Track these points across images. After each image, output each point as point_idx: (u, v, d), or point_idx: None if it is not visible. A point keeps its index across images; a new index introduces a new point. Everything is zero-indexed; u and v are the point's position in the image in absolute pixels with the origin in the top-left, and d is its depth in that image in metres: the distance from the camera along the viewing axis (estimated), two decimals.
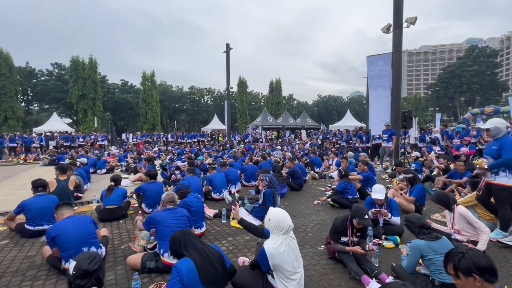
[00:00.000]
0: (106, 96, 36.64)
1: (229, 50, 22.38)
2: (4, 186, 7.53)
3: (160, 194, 5.08)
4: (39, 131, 22.47)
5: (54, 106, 36.67)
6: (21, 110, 28.52)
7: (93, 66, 30.47)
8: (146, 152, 13.91)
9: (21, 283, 2.74)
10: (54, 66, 37.81)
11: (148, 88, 33.93)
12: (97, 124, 28.70)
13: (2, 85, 25.73)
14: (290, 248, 2.27)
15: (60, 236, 2.73)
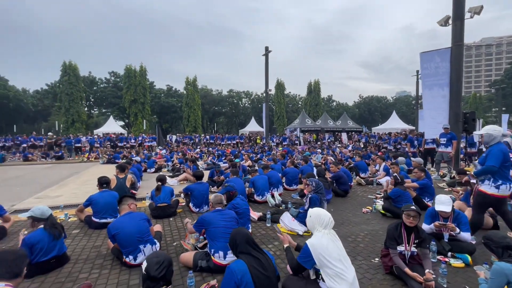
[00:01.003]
0: (154, 101, 39.60)
1: (268, 53, 22.51)
2: (72, 182, 8.55)
3: (206, 194, 5.30)
4: (99, 132, 25.21)
5: (110, 110, 40.83)
6: (85, 114, 32.36)
7: (143, 73, 33.19)
8: (189, 153, 14.65)
9: (91, 270, 3.04)
10: (111, 74, 42.15)
11: (191, 92, 35.78)
12: (145, 126, 31.19)
13: (71, 93, 29.50)
14: (333, 243, 2.28)
15: (119, 234, 2.97)
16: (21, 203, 5.77)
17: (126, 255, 3.00)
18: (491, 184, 3.36)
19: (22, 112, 42.92)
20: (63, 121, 29.95)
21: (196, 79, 36.76)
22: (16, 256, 1.77)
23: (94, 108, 44.94)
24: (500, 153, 3.33)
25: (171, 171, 10.29)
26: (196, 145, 20.62)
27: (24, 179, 9.18)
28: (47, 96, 43.62)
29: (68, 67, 29.63)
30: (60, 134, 25.05)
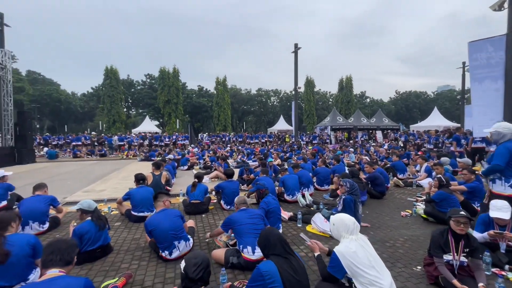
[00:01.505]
0: (186, 101, 41.25)
1: (297, 50, 22.14)
2: (113, 177, 9.22)
3: (236, 192, 5.35)
4: (136, 132, 26.92)
5: (146, 111, 43.42)
6: (124, 115, 34.82)
7: (176, 74, 34.71)
8: (219, 151, 14.99)
9: (131, 261, 3.23)
10: (147, 76, 44.78)
11: (221, 92, 36.59)
12: (178, 125, 32.62)
13: (112, 95, 31.91)
14: (363, 249, 2.14)
15: (155, 230, 3.13)
16: (72, 196, 6.36)
17: (162, 250, 3.14)
18: (505, 185, 3.22)
19: (72, 113, 47.48)
20: (105, 121, 32.55)
21: (225, 79, 37.51)
22: (68, 245, 1.93)
23: (132, 109, 48.13)
24: (506, 152, 3.20)
25: (203, 169, 10.61)
26: (226, 144, 21.04)
27: (73, 174, 10.13)
28: (92, 99, 47.74)
29: (110, 71, 32.07)
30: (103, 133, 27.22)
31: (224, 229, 3.25)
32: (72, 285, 1.74)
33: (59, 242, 1.94)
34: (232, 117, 42.48)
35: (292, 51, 22.22)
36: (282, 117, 37.97)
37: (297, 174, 6.24)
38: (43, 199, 4.16)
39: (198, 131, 41.48)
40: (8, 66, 13.43)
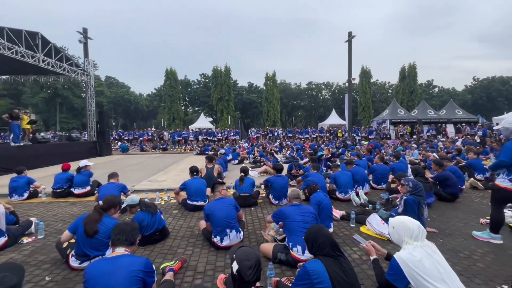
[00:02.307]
0: (237, 98, 42.63)
1: (351, 39, 20.69)
2: (173, 169, 10.10)
3: (285, 187, 5.29)
4: (192, 128, 29.00)
5: (201, 108, 46.37)
6: (182, 112, 37.88)
7: (228, 73, 36.11)
8: (268, 146, 15.08)
9: (186, 247, 3.47)
10: (201, 76, 47.68)
11: (270, 87, 36.70)
12: (230, 121, 33.97)
13: (171, 94, 34.98)
14: (430, 258, 1.83)
15: (211, 214, 3.31)
16: (139, 185, 7.17)
17: (215, 236, 3.30)
18: (505, 178, 3.26)
19: (139, 112, 53.76)
20: (166, 119, 35.91)
21: (275, 74, 37.43)
22: (132, 227, 2.16)
23: (189, 107, 51.98)
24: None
25: (252, 163, 10.83)
26: (275, 139, 21.08)
27: (141, 165, 11.44)
28: (155, 98, 53.16)
29: (169, 72, 35.16)
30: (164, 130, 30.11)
31: (274, 219, 3.23)
32: (135, 263, 1.94)
33: (124, 224, 2.17)
34: (281, 112, 42.29)
35: (345, 40, 20.86)
36: (334, 111, 36.18)
37: (350, 171, 5.85)
38: (116, 186, 4.79)
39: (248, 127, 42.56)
40: (91, 73, 15.84)
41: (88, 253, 2.85)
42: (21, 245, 3.52)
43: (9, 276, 1.48)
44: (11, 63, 12.04)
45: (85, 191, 5.87)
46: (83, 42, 18.34)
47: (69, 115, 40.07)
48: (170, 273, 2.66)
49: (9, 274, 1.51)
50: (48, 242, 3.58)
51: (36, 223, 3.91)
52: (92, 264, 1.97)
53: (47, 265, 2.99)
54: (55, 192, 5.90)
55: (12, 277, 1.49)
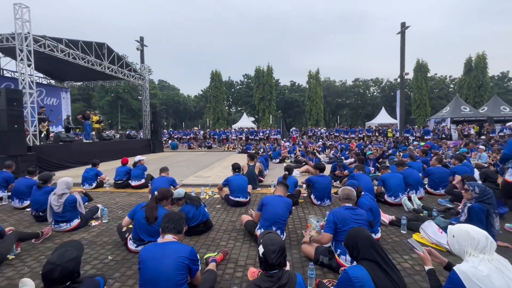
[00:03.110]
0: (278, 97, 42.55)
1: (404, 30, 18.96)
2: (217, 166, 10.55)
3: (328, 188, 5.11)
4: (235, 127, 29.87)
5: (243, 108, 47.44)
6: (226, 112, 39.27)
7: (270, 72, 36.24)
8: (310, 146, 14.72)
9: (228, 240, 3.59)
10: (244, 76, 48.73)
11: (313, 86, 35.76)
12: (271, 121, 34.08)
13: (216, 95, 36.53)
14: (501, 274, 1.55)
15: (266, 206, 3.35)
16: (186, 180, 7.67)
17: (260, 228, 3.33)
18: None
19: (187, 112, 57.35)
20: (211, 118, 37.64)
21: (318, 72, 36.37)
22: (180, 217, 2.32)
23: (232, 107, 53.64)
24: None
25: (293, 163, 10.69)
26: (318, 138, 20.48)
27: (188, 162, 12.21)
28: (201, 99, 56.09)
29: (215, 74, 36.76)
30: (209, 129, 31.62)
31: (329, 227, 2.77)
32: (181, 250, 2.08)
33: (173, 213, 2.35)
34: (325, 111, 40.86)
35: (397, 32, 19.20)
36: (383, 109, 33.59)
37: (401, 173, 5.37)
38: (166, 180, 5.19)
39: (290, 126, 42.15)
40: (146, 77, 17.46)
41: (143, 238, 3.16)
42: (90, 227, 4.06)
43: (70, 251, 1.72)
44: (84, 71, 13.98)
45: (140, 183, 6.50)
46: (140, 50, 20.34)
47: (128, 115, 44.81)
48: (213, 263, 2.78)
49: (70, 249, 1.75)
50: (111, 226, 4.06)
51: (101, 209, 4.47)
52: (145, 247, 2.17)
53: (109, 246, 3.39)
54: (116, 183, 6.66)
55: (72, 251, 1.73)
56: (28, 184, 4.92)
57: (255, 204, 5.21)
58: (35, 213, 4.33)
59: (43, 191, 4.35)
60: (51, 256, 1.70)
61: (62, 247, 1.83)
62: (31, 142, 9.15)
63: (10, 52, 11.92)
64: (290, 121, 46.60)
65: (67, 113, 17.25)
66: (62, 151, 10.31)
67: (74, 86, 19.29)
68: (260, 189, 6.41)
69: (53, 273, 1.60)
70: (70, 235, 3.77)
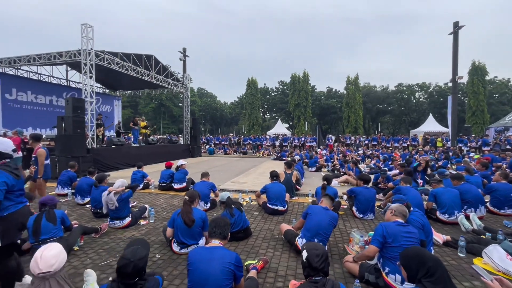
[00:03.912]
0: (314, 103, 41.75)
1: (457, 30, 17.36)
2: (253, 172, 10.66)
3: (372, 200, 4.83)
4: (270, 133, 29.98)
5: (278, 114, 47.45)
6: (261, 119, 39.69)
7: (306, 78, 35.86)
8: (349, 154, 14.10)
9: (267, 248, 3.59)
10: (279, 83, 48.90)
11: (352, 91, 34.45)
12: (307, 127, 33.52)
13: (252, 102, 37.18)
14: None
15: (310, 215, 3.30)
16: (223, 185, 7.88)
17: (301, 237, 3.27)
18: None
19: (223, 118, 59.22)
20: (246, 125, 38.32)
21: (357, 77, 35.01)
22: (225, 223, 2.39)
23: (267, 113, 54.03)
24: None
25: (331, 172, 10.33)
26: (357, 147, 19.55)
27: (224, 167, 12.55)
28: (237, 106, 57.54)
29: (251, 82, 37.52)
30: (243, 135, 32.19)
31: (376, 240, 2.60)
32: (227, 255, 2.13)
33: (219, 219, 2.42)
34: (364, 118, 38.94)
35: (449, 33, 17.65)
36: (431, 115, 30.90)
37: (457, 188, 4.86)
38: (207, 184, 5.40)
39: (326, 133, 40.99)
40: (187, 85, 18.51)
41: (185, 241, 3.31)
42: (139, 226, 4.38)
43: (140, 249, 1.88)
44: (134, 81, 15.35)
45: (182, 187, 6.85)
46: (182, 60, 21.71)
47: (169, 121, 47.83)
48: (253, 271, 2.80)
49: (141, 247, 1.91)
50: (157, 226, 4.34)
51: (149, 210, 4.80)
52: (194, 250, 2.27)
53: (157, 245, 3.62)
54: (160, 185, 7.11)
55: (142, 250, 1.89)
56: (88, 183, 5.51)
57: (293, 213, 5.15)
58: (93, 210, 4.82)
59: (99, 190, 4.82)
60: (125, 252, 1.88)
61: (133, 244, 2.01)
62: (89, 145, 10.26)
63: (76, 65, 13.64)
64: (326, 128, 45.30)
65: (118, 119, 19.06)
66: (114, 153, 11.36)
67: (124, 94, 21.25)
68: (297, 198, 6.31)
69: (127, 268, 1.77)
70: (123, 232, 4.11)
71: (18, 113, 13.36)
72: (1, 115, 12.56)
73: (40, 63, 12.01)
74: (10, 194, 2.28)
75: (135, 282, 1.81)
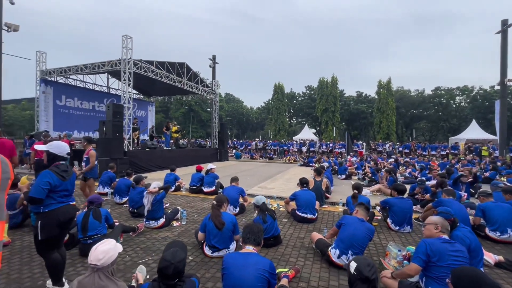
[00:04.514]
0: (343, 108, 40.56)
1: (506, 28, 15.89)
2: (279, 178, 10.59)
3: (409, 212, 4.54)
4: (296, 139, 29.63)
5: (305, 120, 46.80)
6: (287, 124, 39.45)
7: (334, 83, 35.03)
8: (381, 162, 13.43)
9: (297, 257, 3.52)
10: (307, 88, 48.32)
11: (384, 96, 32.92)
12: (335, 133, 32.60)
13: (278, 107, 37.14)
14: None
15: (345, 226, 3.20)
16: (251, 189, 7.91)
17: (334, 248, 3.17)
18: None
19: (250, 123, 59.83)
20: (272, 130, 38.30)
21: (390, 81, 33.39)
22: (259, 229, 2.41)
23: (293, 118, 53.58)
24: None
25: (361, 180, 9.91)
26: (389, 154, 18.57)
27: (251, 172, 12.62)
28: (263, 111, 57.83)
29: (277, 87, 37.56)
30: (269, 140, 32.18)
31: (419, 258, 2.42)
32: (261, 262, 2.13)
33: (253, 226, 2.44)
34: (397, 123, 36.92)
35: (497, 32, 16.21)
36: (474, 121, 28.37)
37: (509, 202, 4.38)
38: (236, 189, 5.47)
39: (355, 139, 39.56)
40: (216, 91, 19.04)
41: (216, 245, 3.37)
42: (172, 227, 4.56)
43: (179, 252, 1.96)
44: (167, 87, 16.15)
45: (211, 190, 7.01)
46: (212, 67, 22.41)
47: (198, 125, 49.45)
48: (285, 279, 2.76)
49: (180, 250, 1.99)
50: (189, 228, 4.48)
51: (181, 212, 4.98)
52: (229, 254, 2.30)
53: (189, 247, 3.72)
54: (191, 188, 7.35)
55: (181, 253, 1.96)
56: (126, 184, 5.87)
57: (323, 222, 5.02)
58: (131, 209, 5.12)
59: (136, 191, 5.11)
60: (165, 254, 1.98)
61: (172, 246, 2.11)
62: (126, 148, 10.95)
63: (116, 73, 14.72)
64: (356, 134, 43.64)
65: (152, 123, 20.13)
66: (148, 156, 11.99)
67: (157, 100, 22.43)
68: (327, 206, 6.13)
69: (168, 269, 1.86)
70: (157, 232, 4.30)
71: (67, 118, 14.70)
72: (53, 119, 13.92)
73: (85, 72, 13.17)
74: (53, 193, 2.50)
75: (175, 283, 1.88)
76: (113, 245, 1.91)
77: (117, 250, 1.92)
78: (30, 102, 34.31)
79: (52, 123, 13.86)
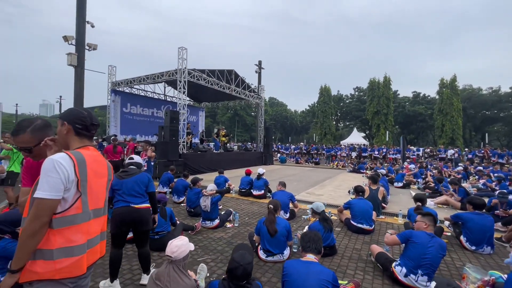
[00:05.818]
0: (397, 110, 37.41)
1: None
2: (328, 184, 10.20)
3: (489, 231, 3.95)
4: (344, 143, 28.27)
5: (353, 123, 44.38)
6: (333, 127, 37.95)
7: (387, 83, 32.57)
8: (445, 171, 11.94)
9: (355, 270, 3.33)
10: (355, 89, 45.88)
11: (447, 96, 29.37)
12: (388, 137, 30.17)
13: (324, 110, 36.02)
14: None
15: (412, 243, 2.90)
16: (298, 195, 7.78)
17: (401, 265, 2.91)
18: None
19: (294, 127, 59.23)
20: (318, 133, 37.26)
21: (455, 79, 29.69)
22: (318, 237, 2.35)
23: (340, 122, 51.32)
24: None
25: (422, 190, 8.94)
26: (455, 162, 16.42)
27: (297, 177, 12.43)
28: (308, 114, 56.72)
29: (324, 89, 36.49)
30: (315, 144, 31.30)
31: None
32: (324, 272, 2.07)
33: (312, 234, 2.39)
34: (464, 126, 32.50)
35: None
36: None
37: None
38: (287, 194, 5.44)
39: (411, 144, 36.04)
40: (262, 96, 19.34)
41: (271, 250, 3.39)
42: (226, 228, 4.74)
43: (247, 254, 2.03)
44: (216, 93, 17.01)
45: (260, 194, 7.12)
46: (258, 72, 22.87)
47: (243, 129, 50.86)
48: None
49: (247, 253, 2.06)
50: (242, 230, 4.60)
51: (234, 214, 5.15)
52: (290, 261, 2.29)
53: None
54: (240, 191, 7.56)
55: (249, 256, 2.03)
56: (184, 185, 6.33)
57: (380, 234, 4.66)
58: (188, 209, 5.49)
59: (193, 191, 5.46)
60: (234, 255, 2.09)
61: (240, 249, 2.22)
62: (181, 151, 11.82)
63: (172, 82, 16.08)
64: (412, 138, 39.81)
65: (202, 128, 21.38)
66: (199, 158, 12.75)
67: (206, 105, 23.76)
68: (384, 217, 5.67)
69: (237, 270, 1.95)
70: (212, 232, 4.52)
71: (131, 123, 16.56)
72: (120, 125, 15.83)
73: (147, 82, 14.68)
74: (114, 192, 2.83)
75: (243, 284, 1.95)
76: (185, 242, 2.07)
77: (189, 247, 2.08)
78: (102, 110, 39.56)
79: (120, 128, 15.75)
